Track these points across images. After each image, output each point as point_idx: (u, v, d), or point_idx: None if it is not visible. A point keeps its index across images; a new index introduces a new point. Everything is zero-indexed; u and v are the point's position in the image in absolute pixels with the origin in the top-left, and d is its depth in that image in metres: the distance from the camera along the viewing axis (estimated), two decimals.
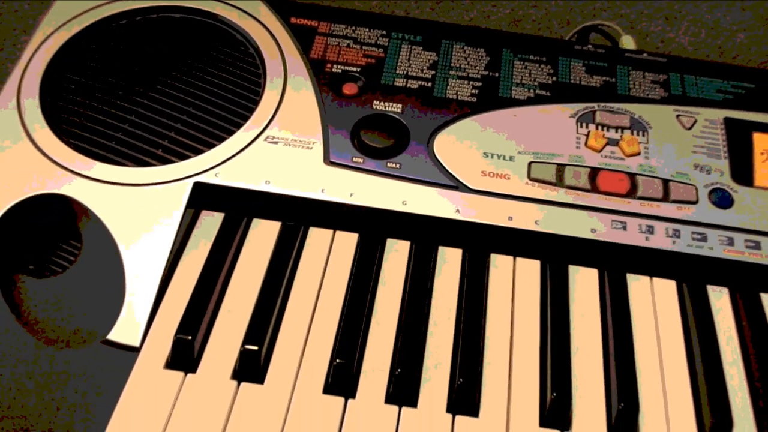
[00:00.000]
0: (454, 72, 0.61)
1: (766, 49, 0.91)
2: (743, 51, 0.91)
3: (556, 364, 0.49)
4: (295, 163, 0.55)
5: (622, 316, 0.52)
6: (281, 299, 0.51)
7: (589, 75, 0.62)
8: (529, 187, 0.55)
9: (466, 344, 0.49)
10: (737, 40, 0.92)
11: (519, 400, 0.48)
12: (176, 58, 0.61)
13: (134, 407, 0.45)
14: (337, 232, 0.55)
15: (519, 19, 0.92)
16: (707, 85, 0.62)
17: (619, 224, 0.54)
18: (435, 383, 0.48)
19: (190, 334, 0.48)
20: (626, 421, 0.47)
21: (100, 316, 0.50)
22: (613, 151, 0.58)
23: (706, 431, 0.47)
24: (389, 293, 0.52)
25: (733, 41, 0.92)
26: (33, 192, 0.54)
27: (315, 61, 0.61)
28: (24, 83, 0.59)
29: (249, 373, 0.47)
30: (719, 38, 0.92)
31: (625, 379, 0.48)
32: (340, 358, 0.47)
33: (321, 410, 0.46)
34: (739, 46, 0.91)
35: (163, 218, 0.53)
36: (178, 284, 0.51)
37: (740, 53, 0.90)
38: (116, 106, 0.58)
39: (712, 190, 0.56)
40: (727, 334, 0.52)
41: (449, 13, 0.93)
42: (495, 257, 0.55)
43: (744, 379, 0.50)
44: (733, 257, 0.53)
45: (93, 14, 0.63)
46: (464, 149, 0.57)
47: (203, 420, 0.45)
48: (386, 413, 0.46)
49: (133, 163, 0.56)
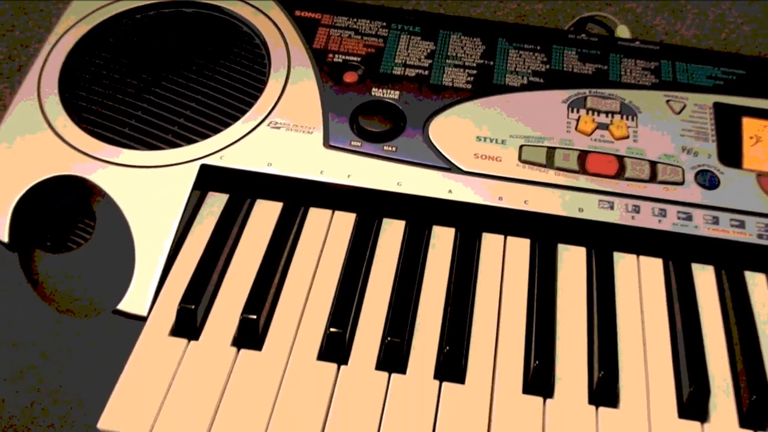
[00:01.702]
0: (451, 60, 0.64)
1: None
2: (748, 43, 0.92)
3: (540, 334, 0.51)
4: (296, 147, 0.58)
5: (607, 291, 0.54)
6: (280, 273, 0.54)
7: (582, 63, 0.64)
8: (520, 168, 0.58)
9: (454, 315, 0.51)
10: (742, 32, 0.93)
11: (504, 369, 0.50)
12: (187, 49, 0.65)
13: (140, 371, 0.49)
14: (335, 212, 0.58)
15: (525, 15, 0.94)
16: (698, 72, 0.64)
17: (606, 204, 0.56)
18: (424, 351, 0.50)
19: (194, 303, 0.51)
20: (607, 388, 0.49)
21: (111, 288, 0.53)
22: (603, 134, 0.60)
23: (685, 399, 0.48)
24: (383, 269, 0.55)
25: (738, 33, 0.93)
26: (52, 174, 0.57)
27: (317, 51, 0.64)
28: (44, 75, 0.63)
29: (248, 341, 0.50)
30: (724, 31, 0.93)
31: (606, 349, 0.50)
32: (333, 327, 0.50)
33: (315, 376, 0.49)
34: (744, 39, 0.92)
35: (171, 198, 0.56)
36: (184, 259, 0.55)
37: (744, 45, 0.91)
38: (130, 95, 0.62)
39: (699, 171, 0.58)
40: (711, 310, 0.54)
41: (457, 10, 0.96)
42: (486, 236, 0.57)
43: (725, 352, 0.51)
44: (717, 235, 0.55)
45: (109, 9, 0.67)
46: (458, 133, 0.59)
47: (204, 383, 0.48)
48: (376, 379, 0.49)
49: (145, 147, 0.59)
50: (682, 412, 0.48)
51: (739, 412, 0.48)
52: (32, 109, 0.61)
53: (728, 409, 0.49)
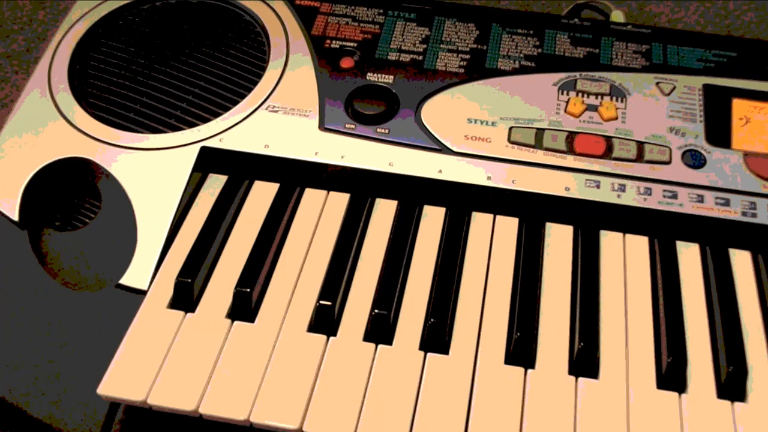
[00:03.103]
0: (445, 45, 0.65)
1: None
2: (751, 30, 0.92)
3: (523, 307, 0.52)
4: (292, 130, 0.60)
5: (591, 267, 0.55)
6: (275, 250, 0.56)
7: (574, 47, 0.65)
8: (509, 149, 0.59)
9: (440, 289, 0.53)
10: (746, 19, 0.93)
11: (488, 340, 0.51)
12: (191, 38, 0.67)
13: (139, 341, 0.51)
14: (330, 193, 0.60)
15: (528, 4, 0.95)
16: (689, 54, 0.65)
17: (592, 183, 0.57)
18: (410, 324, 0.52)
19: (190, 277, 0.53)
20: (586, 359, 0.50)
21: (114, 264, 0.56)
22: (592, 116, 0.61)
23: (663, 369, 0.50)
24: (374, 246, 0.57)
25: (742, 20, 0.93)
26: (60, 156, 0.60)
27: (316, 38, 0.66)
28: (54, 64, 0.65)
29: (242, 313, 0.53)
30: (728, 18, 0.93)
31: (586, 321, 0.51)
32: (323, 299, 0.52)
33: (305, 346, 0.51)
34: (748, 25, 0.92)
35: (172, 178, 0.59)
36: (183, 236, 0.57)
37: (748, 32, 0.92)
38: (136, 82, 0.64)
39: (686, 151, 0.59)
40: (693, 285, 0.55)
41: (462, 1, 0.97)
42: (476, 215, 0.59)
43: (706, 326, 0.53)
44: (702, 213, 0.56)
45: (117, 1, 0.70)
46: (450, 116, 0.61)
47: (200, 353, 0.50)
48: (364, 350, 0.51)
49: (149, 131, 0.62)
50: (660, 382, 0.50)
51: (717, 383, 0.50)
52: (43, 97, 0.63)
53: (707, 380, 0.50)
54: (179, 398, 0.48)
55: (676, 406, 0.48)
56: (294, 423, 0.47)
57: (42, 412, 0.50)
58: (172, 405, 0.48)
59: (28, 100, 0.63)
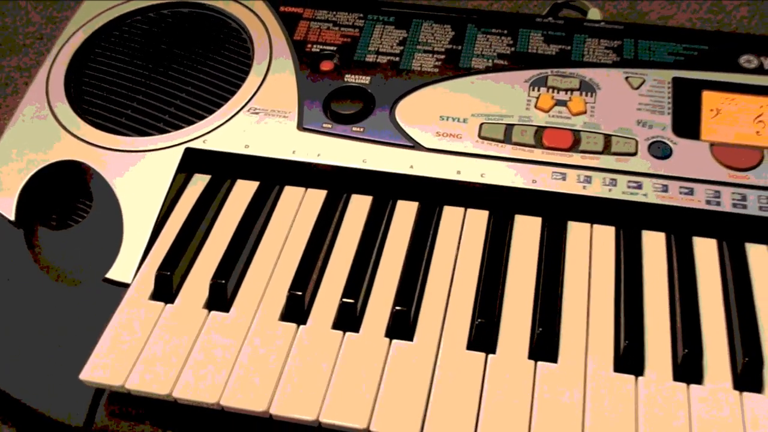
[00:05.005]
0: (421, 47, 0.68)
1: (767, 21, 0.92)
2: (743, 25, 0.92)
3: (486, 294, 0.54)
4: (271, 130, 0.63)
5: (555, 256, 0.56)
6: (253, 244, 0.59)
7: (547, 44, 0.67)
8: (479, 144, 0.61)
9: (407, 279, 0.55)
10: (738, 14, 0.93)
11: (451, 327, 0.53)
12: (182, 46, 0.70)
13: (120, 331, 0.54)
14: (308, 190, 0.63)
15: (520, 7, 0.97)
16: (660, 48, 0.66)
17: (559, 175, 0.59)
18: (377, 312, 0.54)
19: (169, 270, 0.56)
20: (546, 343, 0.51)
21: (102, 260, 0.59)
22: (561, 111, 0.62)
23: (621, 352, 0.51)
24: (347, 239, 0.59)
25: (734, 16, 0.93)
26: (54, 159, 0.64)
27: (298, 43, 0.69)
28: (52, 72, 0.69)
29: (217, 304, 0.55)
30: (720, 14, 0.94)
31: (548, 307, 0.53)
32: (294, 289, 0.54)
33: (276, 335, 0.53)
34: (740, 21, 0.93)
35: (158, 178, 0.62)
36: (167, 233, 0.60)
37: (740, 27, 0.92)
38: (127, 89, 0.68)
39: (652, 143, 0.60)
40: (657, 273, 0.56)
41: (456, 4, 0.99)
42: (448, 209, 0.61)
43: (666, 312, 0.54)
44: (665, 202, 0.57)
45: (114, 12, 0.73)
46: (423, 114, 0.63)
47: (177, 341, 0.53)
48: (332, 337, 0.53)
49: (138, 134, 0.65)
50: (617, 366, 0.51)
51: (674, 366, 0.51)
52: (41, 103, 0.67)
53: (664, 363, 0.51)
54: (155, 383, 0.51)
55: (631, 388, 0.50)
56: (262, 406, 0.49)
57: (32, 399, 0.53)
58: (148, 389, 0.51)
59: (27, 108, 0.67)
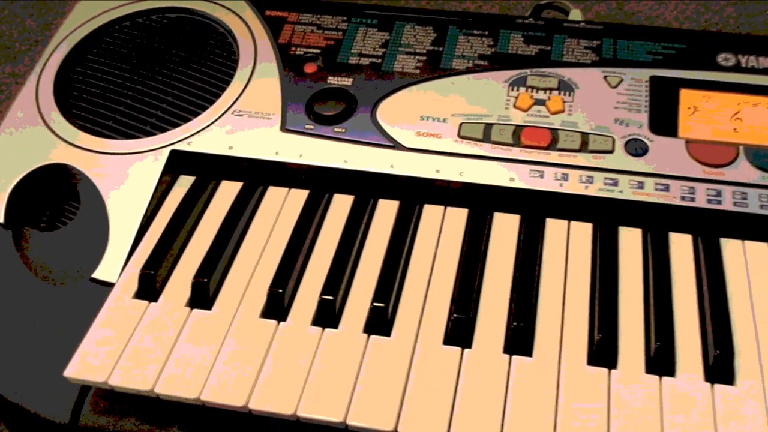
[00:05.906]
0: (403, 48, 0.69)
1: (754, 20, 0.93)
2: (730, 24, 0.93)
3: (463, 290, 0.55)
4: (255, 132, 0.64)
5: (532, 252, 0.57)
6: (236, 244, 0.60)
7: (527, 45, 0.68)
8: (458, 144, 0.62)
9: (385, 276, 0.56)
10: (725, 13, 0.94)
11: (428, 322, 0.54)
12: (169, 50, 0.72)
13: (105, 329, 0.55)
14: (291, 190, 0.64)
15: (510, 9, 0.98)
16: (638, 48, 0.67)
17: (536, 173, 0.60)
18: (356, 309, 0.55)
19: (153, 269, 0.57)
20: (521, 338, 0.52)
21: (88, 260, 0.60)
22: (540, 110, 0.63)
23: (594, 345, 0.52)
24: (328, 237, 0.60)
25: (720, 15, 0.94)
26: (43, 162, 0.65)
27: (282, 46, 0.70)
28: (42, 77, 0.71)
29: (199, 302, 0.56)
30: (707, 13, 0.95)
31: (523, 303, 0.54)
32: (274, 287, 0.55)
33: (257, 331, 0.54)
34: (727, 20, 0.94)
35: (143, 180, 0.63)
36: (152, 234, 0.61)
37: (726, 26, 0.93)
38: (115, 93, 0.69)
39: (629, 140, 0.61)
40: (633, 268, 0.57)
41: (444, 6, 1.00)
42: (427, 207, 0.62)
43: (641, 306, 0.54)
44: (641, 199, 0.58)
45: (104, 17, 0.75)
46: (403, 114, 0.64)
47: (159, 338, 0.54)
48: (311, 333, 0.54)
49: (125, 137, 0.66)
50: (591, 359, 0.52)
51: (646, 359, 0.51)
52: (31, 108, 0.69)
53: (637, 357, 0.52)
54: (138, 380, 0.52)
55: (605, 381, 0.50)
56: (241, 401, 0.50)
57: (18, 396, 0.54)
58: (131, 386, 0.52)
59: (18, 112, 0.69)
